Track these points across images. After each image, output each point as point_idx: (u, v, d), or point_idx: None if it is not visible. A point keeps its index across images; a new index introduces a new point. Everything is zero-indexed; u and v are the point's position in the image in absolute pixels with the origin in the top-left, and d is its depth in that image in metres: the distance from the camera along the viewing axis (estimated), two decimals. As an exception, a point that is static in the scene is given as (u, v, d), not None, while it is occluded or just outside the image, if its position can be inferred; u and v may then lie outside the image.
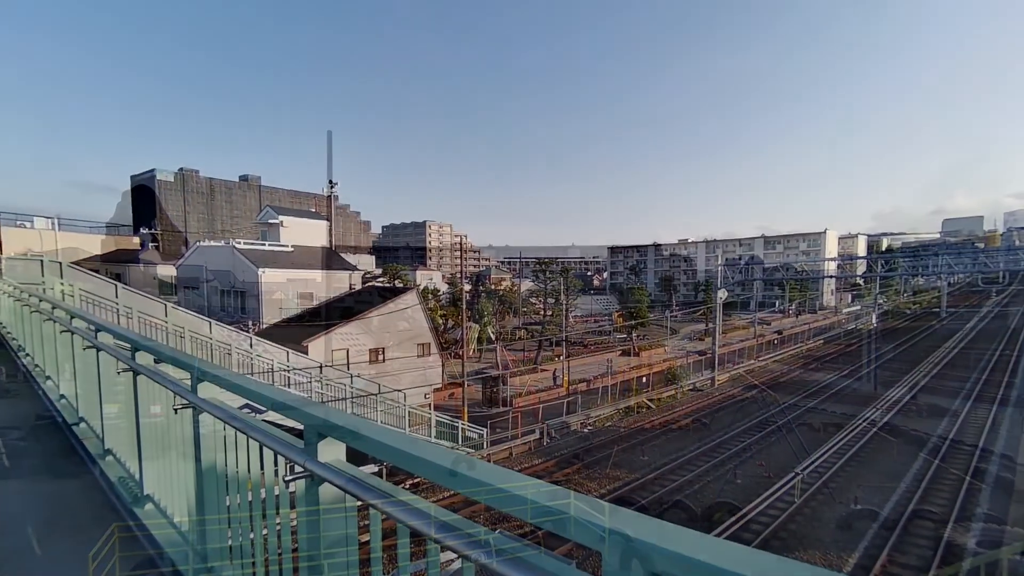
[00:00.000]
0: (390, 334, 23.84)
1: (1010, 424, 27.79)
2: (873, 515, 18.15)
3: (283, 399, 1.94)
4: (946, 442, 25.09)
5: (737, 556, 0.75)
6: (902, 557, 15.62)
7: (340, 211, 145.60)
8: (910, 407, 31.86)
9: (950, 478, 21.24)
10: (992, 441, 25.30)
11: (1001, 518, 17.56)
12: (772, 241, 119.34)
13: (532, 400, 36.10)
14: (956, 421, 28.34)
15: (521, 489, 1.06)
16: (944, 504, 18.95)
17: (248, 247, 28.94)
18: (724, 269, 45.35)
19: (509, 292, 79.42)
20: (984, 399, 32.63)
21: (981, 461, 22.76)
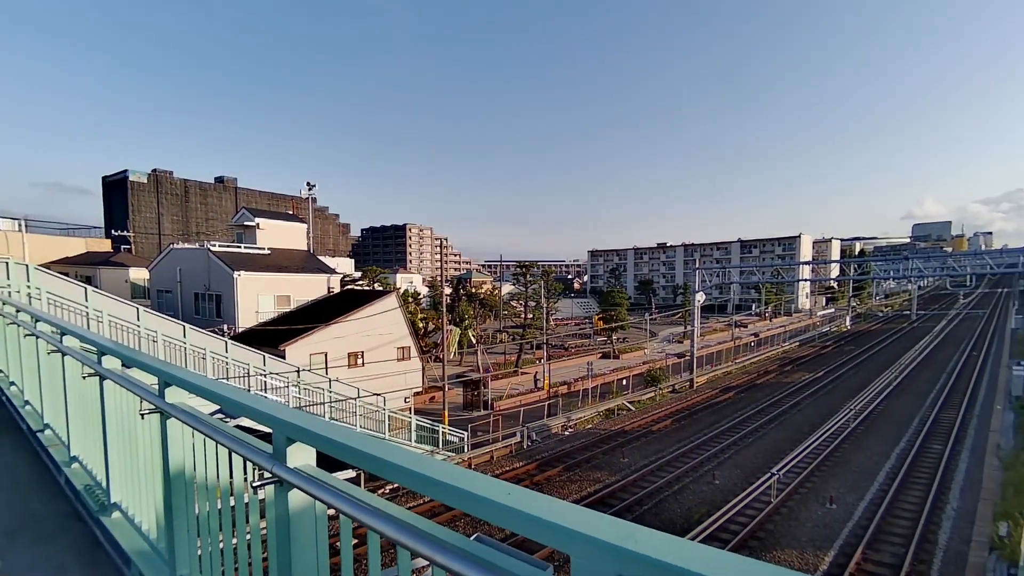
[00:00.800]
0: (369, 338, 23.60)
1: (978, 423, 28.60)
2: (848, 514, 18.49)
3: (251, 403, 1.90)
4: (916, 443, 25.70)
5: (705, 558, 0.74)
6: (875, 555, 15.92)
7: (318, 213, 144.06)
8: (883, 409, 32.60)
9: (922, 478, 21.76)
10: (961, 440, 26.02)
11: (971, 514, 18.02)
12: (748, 245, 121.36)
13: (513, 403, 36.11)
14: (925, 424, 29.05)
15: (493, 493, 1.04)
16: (917, 502, 19.39)
17: (223, 250, 28.40)
18: (702, 273, 45.87)
19: (490, 295, 79.37)
20: (951, 405, 33.55)
21: (950, 459, 23.37)
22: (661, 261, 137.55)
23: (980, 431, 27.00)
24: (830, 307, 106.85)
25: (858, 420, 29.47)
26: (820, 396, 36.83)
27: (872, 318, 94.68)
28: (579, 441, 27.78)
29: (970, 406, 31.91)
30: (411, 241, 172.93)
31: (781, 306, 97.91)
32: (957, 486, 20.60)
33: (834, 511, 18.73)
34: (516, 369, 46.44)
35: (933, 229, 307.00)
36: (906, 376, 41.80)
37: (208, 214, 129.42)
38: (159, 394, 2.65)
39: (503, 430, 28.57)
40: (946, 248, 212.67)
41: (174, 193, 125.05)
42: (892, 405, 33.01)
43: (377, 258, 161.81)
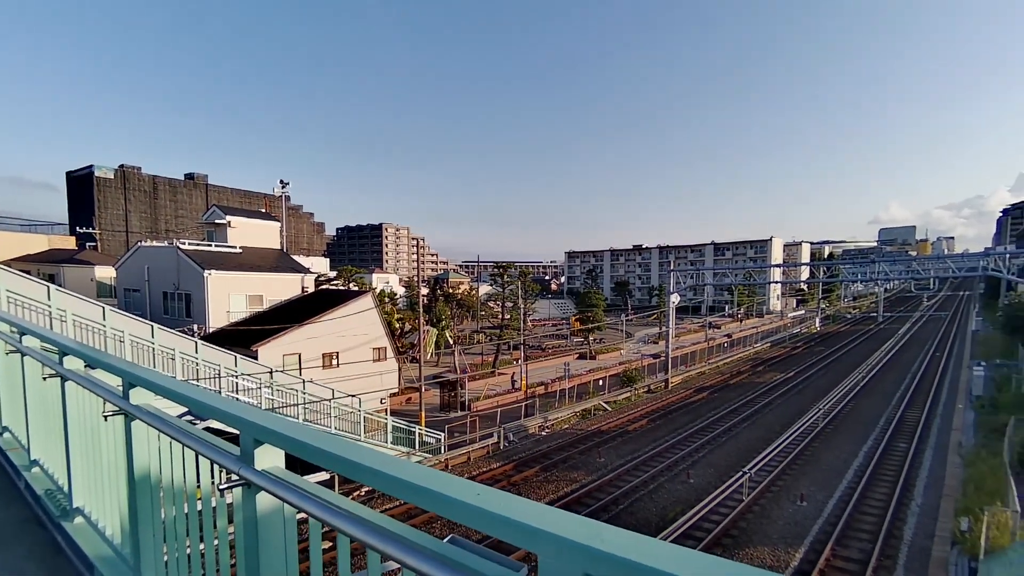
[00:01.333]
0: (344, 338, 23.31)
1: (941, 422, 29.53)
2: (818, 511, 18.91)
3: (218, 404, 1.86)
4: (883, 441, 26.41)
5: (672, 556, 0.75)
6: (844, 551, 16.31)
7: (292, 212, 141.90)
8: (851, 409, 33.44)
9: (888, 475, 22.37)
10: (925, 438, 26.83)
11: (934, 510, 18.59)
12: (721, 248, 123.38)
13: (491, 404, 36.05)
14: (891, 423, 29.87)
15: (463, 494, 1.03)
16: (883, 499, 19.93)
17: (193, 248, 27.74)
18: (677, 274, 46.50)
19: (467, 296, 79.14)
20: (916, 404, 34.59)
21: (915, 457, 24.08)
22: (637, 263, 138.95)
23: (943, 430, 27.88)
24: (800, 309, 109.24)
25: (827, 420, 30.19)
26: (791, 396, 37.60)
27: (841, 320, 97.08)
28: (556, 441, 27.87)
29: (933, 406, 32.93)
30: (387, 241, 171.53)
31: (753, 308, 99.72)
32: (921, 483, 21.24)
33: (805, 508, 19.13)
34: (493, 370, 46.41)
35: (898, 233, 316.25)
36: (873, 376, 42.95)
37: (178, 212, 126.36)
38: (123, 395, 2.58)
39: (480, 431, 28.51)
40: (911, 252, 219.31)
41: (142, 190, 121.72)
42: (860, 405, 33.89)
43: (353, 258, 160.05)
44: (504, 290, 54.30)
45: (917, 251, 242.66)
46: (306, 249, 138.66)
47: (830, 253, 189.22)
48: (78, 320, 15.40)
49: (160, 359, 16.95)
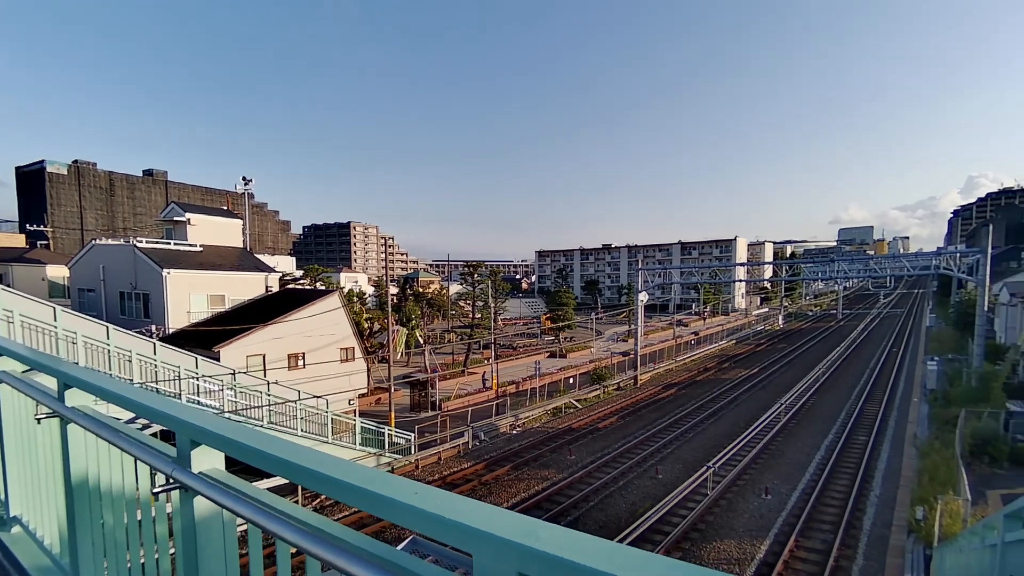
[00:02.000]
0: (311, 338, 22.84)
1: (898, 415, 30.62)
2: (782, 504, 19.38)
3: (153, 404, 1.75)
4: (843, 435, 27.25)
5: (607, 553, 0.71)
6: (807, 542, 16.75)
7: (257, 210, 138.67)
8: (813, 404, 34.41)
9: (848, 468, 23.09)
10: (883, 431, 27.78)
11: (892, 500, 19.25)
12: (688, 247, 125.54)
13: (461, 403, 35.90)
14: (851, 417, 30.85)
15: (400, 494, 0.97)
16: (844, 490, 20.55)
17: (151, 246, 26.76)
18: (645, 273, 47.12)
19: (438, 295, 78.63)
20: (874, 399, 35.81)
21: (874, 449, 24.92)
22: (606, 262, 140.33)
23: (900, 423, 28.93)
24: (764, 307, 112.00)
25: (790, 415, 31.01)
26: (755, 392, 38.49)
27: (802, 317, 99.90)
28: (527, 440, 27.91)
29: (891, 400, 34.14)
30: (356, 240, 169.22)
31: (719, 305, 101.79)
32: (879, 474, 21.97)
33: (769, 502, 19.58)
34: (464, 369, 46.23)
35: (857, 233, 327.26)
36: (834, 372, 44.31)
37: (136, 209, 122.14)
38: (58, 397, 2.44)
39: (451, 431, 28.35)
40: (868, 251, 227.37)
41: (98, 186, 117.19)
42: (821, 400, 34.89)
43: (320, 257, 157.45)
44: (474, 289, 54.15)
45: (875, 250, 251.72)
46: (271, 248, 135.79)
47: (792, 252, 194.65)
48: (27, 321, 14.71)
49: (116, 361, 16.33)
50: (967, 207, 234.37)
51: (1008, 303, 40.69)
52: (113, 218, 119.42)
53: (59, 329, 15.28)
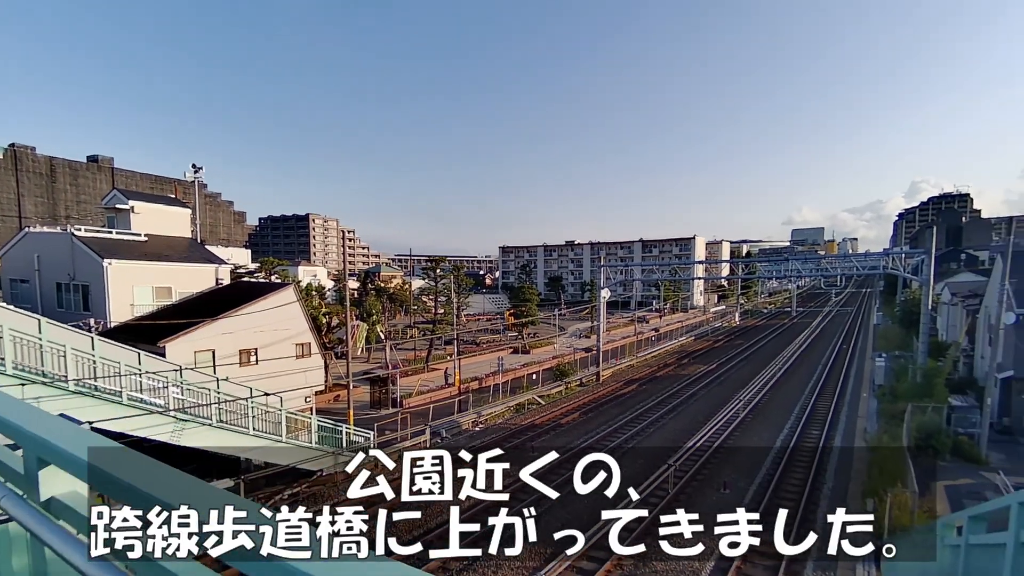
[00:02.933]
0: (264, 333, 21.85)
1: (849, 410, 31.66)
2: (740, 498, 19.63)
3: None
4: (798, 429, 27.98)
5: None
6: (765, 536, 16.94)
7: (210, 200, 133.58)
8: (768, 399, 35.24)
9: (802, 461, 23.64)
10: (835, 425, 28.64)
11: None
12: (649, 245, 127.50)
13: (423, 400, 35.25)
14: (805, 412, 31.73)
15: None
16: (799, 484, 21.00)
17: (91, 235, 25.11)
18: (607, 270, 47.41)
19: (400, 290, 77.36)
20: (826, 394, 36.97)
21: (826, 443, 25.63)
22: (570, 258, 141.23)
23: (850, 417, 29.91)
24: (721, 304, 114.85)
25: (747, 410, 31.66)
26: (713, 387, 39.22)
27: (758, 314, 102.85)
28: (490, 436, 27.59)
29: (842, 395, 35.30)
30: (315, 232, 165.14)
31: (679, 303, 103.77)
32: (832, 468, 22.55)
33: (727, 496, 19.82)
34: (426, 365, 45.51)
35: (809, 234, 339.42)
36: (788, 368, 45.62)
37: (80, 197, 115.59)
38: None
39: (412, 428, 27.75)
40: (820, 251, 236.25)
41: (37, 172, 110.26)
42: (776, 395, 35.77)
43: (278, 250, 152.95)
44: (437, 284, 53.40)
45: (825, 250, 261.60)
46: (225, 240, 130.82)
47: (748, 251, 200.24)
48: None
49: (49, 356, 15.14)
50: (910, 211, 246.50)
51: (949, 302, 42.70)
52: (55, 206, 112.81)
53: (-18, 322, 14.05)
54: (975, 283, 42.93)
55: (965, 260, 76.67)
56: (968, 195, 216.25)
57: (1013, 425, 25.81)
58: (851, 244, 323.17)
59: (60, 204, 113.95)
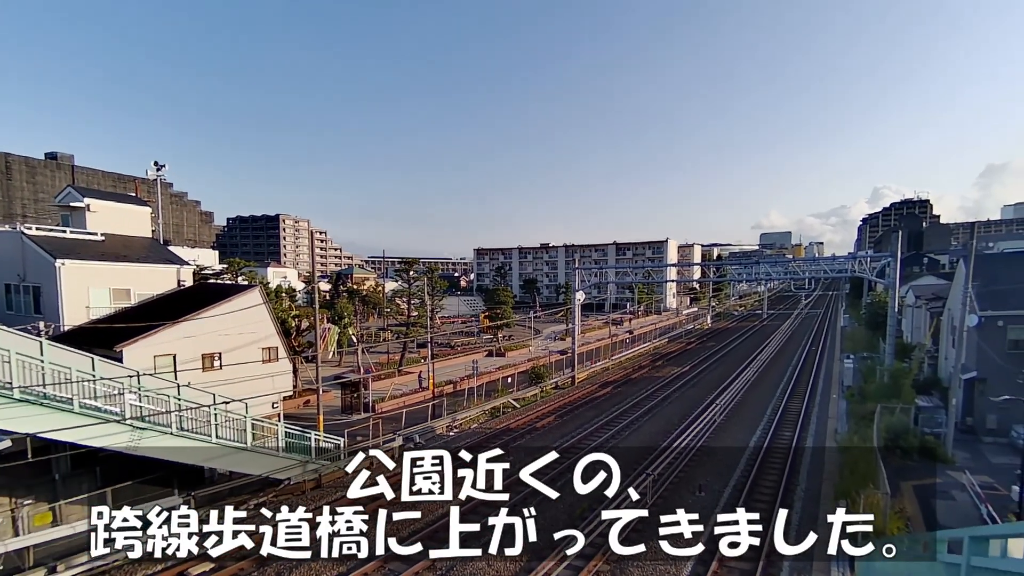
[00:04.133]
0: (229, 337, 20.96)
1: (819, 411, 32.08)
2: (716, 501, 19.59)
3: None
4: (770, 431, 28.21)
5: None
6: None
7: (175, 199, 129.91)
8: (741, 401, 35.56)
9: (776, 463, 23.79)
10: (806, 427, 28.96)
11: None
12: (623, 248, 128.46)
13: (396, 404, 34.55)
14: (777, 413, 32.04)
15: None
16: (772, 485, 21.06)
17: (43, 234, 23.80)
18: (582, 272, 47.35)
19: (373, 292, 76.14)
20: (797, 395, 37.46)
21: (798, 444, 25.87)
22: (544, 261, 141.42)
23: (821, 418, 30.31)
24: (694, 306, 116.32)
25: (721, 412, 31.87)
26: (687, 389, 39.43)
27: (729, 316, 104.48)
28: (464, 441, 27.11)
29: (812, 396, 35.83)
30: (286, 233, 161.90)
31: (652, 305, 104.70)
32: (805, 469, 22.73)
33: (703, 499, 19.75)
34: (399, 369, 44.74)
35: (777, 238, 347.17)
36: (759, 369, 46.23)
37: (37, 195, 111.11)
38: None
39: (384, 434, 27.08)
40: (787, 255, 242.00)
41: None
42: (748, 397, 36.13)
43: (247, 251, 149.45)
44: (411, 286, 52.61)
45: (792, 254, 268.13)
46: (191, 240, 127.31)
47: (718, 255, 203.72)
48: None
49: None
50: (874, 216, 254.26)
51: (914, 305, 43.84)
52: (10, 203, 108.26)
53: (-83, 326, 13.04)
54: (938, 286, 44.18)
55: (927, 264, 79.10)
56: (928, 201, 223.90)
57: (976, 425, 26.47)
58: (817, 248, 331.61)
59: (16, 202, 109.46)
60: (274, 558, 15.84)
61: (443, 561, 15.71)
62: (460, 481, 13.47)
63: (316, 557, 15.83)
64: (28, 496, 16.62)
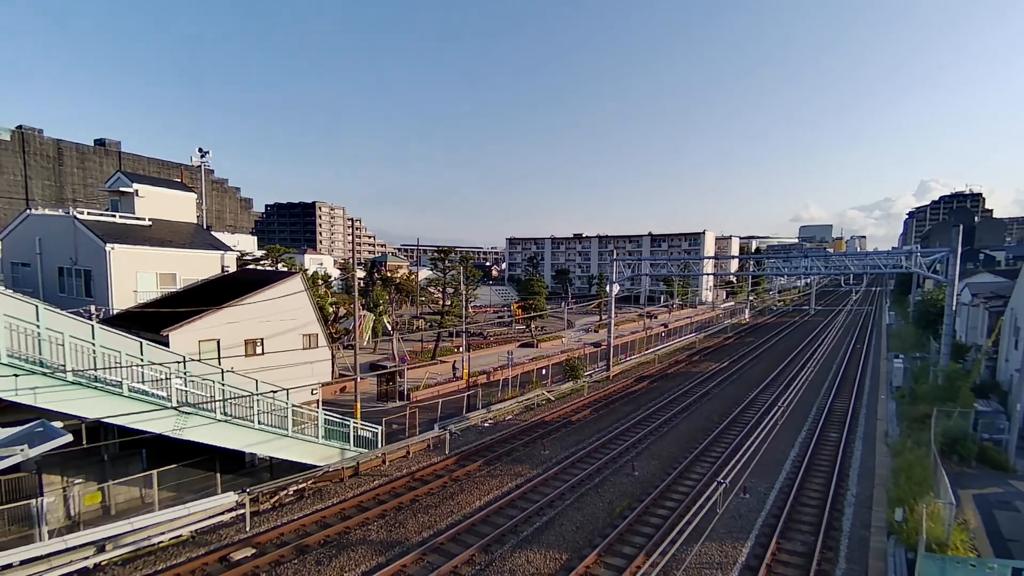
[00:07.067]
0: (270, 323, 21.10)
1: (867, 412, 30.70)
2: (761, 504, 18.88)
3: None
4: (816, 432, 27.13)
5: None
6: (788, 544, 16.20)
7: (217, 186, 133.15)
8: (787, 398, 34.35)
9: (823, 465, 22.83)
10: (854, 428, 27.74)
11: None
12: (658, 239, 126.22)
13: (431, 393, 34.63)
14: (822, 413, 30.81)
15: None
16: (821, 489, 20.19)
17: (94, 219, 24.34)
18: (619, 264, 46.42)
19: (406, 280, 76.64)
20: (843, 394, 35.98)
21: (847, 446, 24.78)
22: (577, 251, 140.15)
23: (869, 419, 29.02)
24: (730, 300, 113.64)
25: (763, 410, 30.87)
26: (726, 386, 38.39)
27: (768, 311, 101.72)
28: (499, 433, 26.89)
29: (859, 395, 34.41)
30: (321, 220, 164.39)
31: (688, 298, 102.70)
32: (855, 473, 21.74)
33: (748, 501, 19.06)
34: (434, 358, 44.83)
35: (816, 231, 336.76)
36: (803, 366, 44.72)
37: (87, 180, 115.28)
38: None
39: (420, 422, 27.10)
40: (828, 248, 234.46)
41: (44, 155, 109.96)
42: (791, 395, 34.88)
43: (284, 237, 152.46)
44: (445, 275, 52.58)
45: (833, 248, 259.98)
46: (231, 226, 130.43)
47: (757, 248, 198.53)
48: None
49: (48, 345, 14.44)
50: (921, 209, 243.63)
51: (970, 303, 41.60)
52: (61, 189, 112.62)
53: (-24, 308, 13.33)
54: (997, 284, 41.81)
55: (983, 260, 75.26)
56: (980, 194, 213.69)
57: (1041, 432, 24.88)
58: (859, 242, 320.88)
59: (67, 187, 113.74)
60: (314, 546, 16.02)
61: (481, 556, 15.50)
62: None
63: (356, 546, 16.00)
64: (78, 476, 17.05)
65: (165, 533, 15.74)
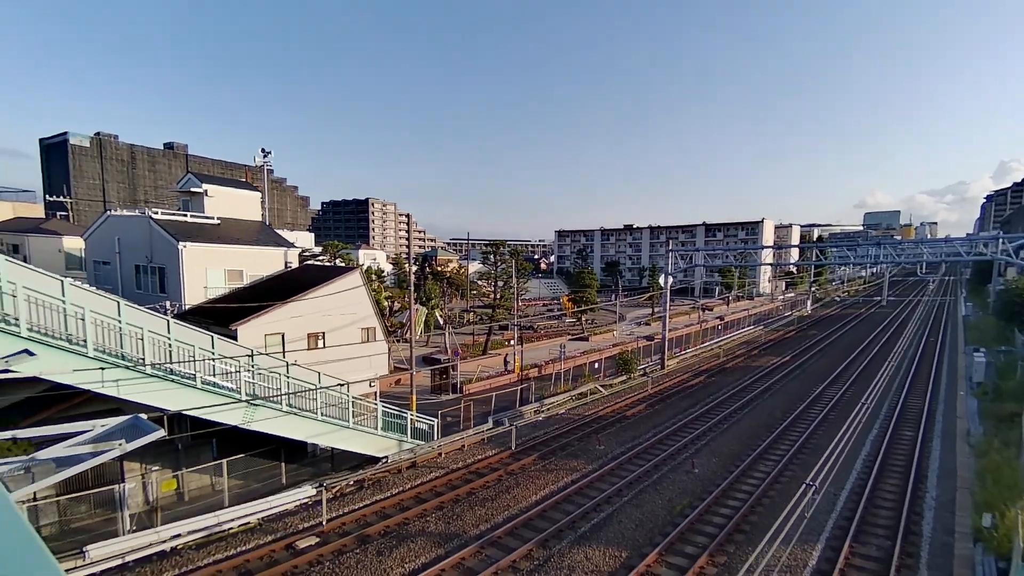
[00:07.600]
0: (331, 317, 21.73)
1: (945, 409, 28.79)
2: (831, 504, 18.02)
3: None
4: (889, 429, 25.67)
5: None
6: (862, 548, 15.38)
7: (276, 185, 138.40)
8: (850, 396, 32.69)
9: (898, 465, 21.57)
10: (930, 426, 26.07)
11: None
12: (713, 229, 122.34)
13: (483, 386, 34.85)
14: (895, 408, 29.13)
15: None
16: (896, 491, 19.07)
17: (167, 218, 25.73)
18: (674, 255, 45.20)
19: (456, 274, 77.51)
20: (916, 391, 33.94)
21: (923, 446, 23.30)
22: (627, 243, 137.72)
23: (948, 416, 27.21)
24: (790, 291, 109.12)
25: (828, 406, 29.47)
26: (788, 381, 36.86)
27: (831, 303, 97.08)
28: (553, 427, 26.78)
29: (934, 392, 32.32)
30: (374, 216, 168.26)
31: (745, 290, 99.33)
32: (934, 474, 20.42)
33: (816, 500, 18.21)
34: (486, 352, 45.13)
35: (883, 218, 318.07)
36: (870, 361, 42.42)
37: (157, 182, 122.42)
38: None
39: (474, 415, 27.29)
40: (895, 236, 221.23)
41: (119, 159, 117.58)
42: (860, 391, 33.10)
43: (339, 233, 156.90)
44: (496, 269, 52.75)
45: (901, 235, 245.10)
46: (290, 223, 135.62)
47: (819, 236, 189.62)
48: (32, 295, 13.68)
49: (128, 339, 15.32)
50: (1001, 192, 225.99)
51: (1062, 293, 38.31)
52: (134, 191, 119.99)
53: (67, 304, 14.25)
54: (1095, 272, 38.27)
55: (1075, 246, 69.07)
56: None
57: None
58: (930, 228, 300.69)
59: (139, 189, 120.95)
60: (375, 536, 16.40)
61: (539, 551, 15.47)
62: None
63: (415, 537, 16.26)
64: (155, 464, 18.06)
65: (234, 521, 16.50)
